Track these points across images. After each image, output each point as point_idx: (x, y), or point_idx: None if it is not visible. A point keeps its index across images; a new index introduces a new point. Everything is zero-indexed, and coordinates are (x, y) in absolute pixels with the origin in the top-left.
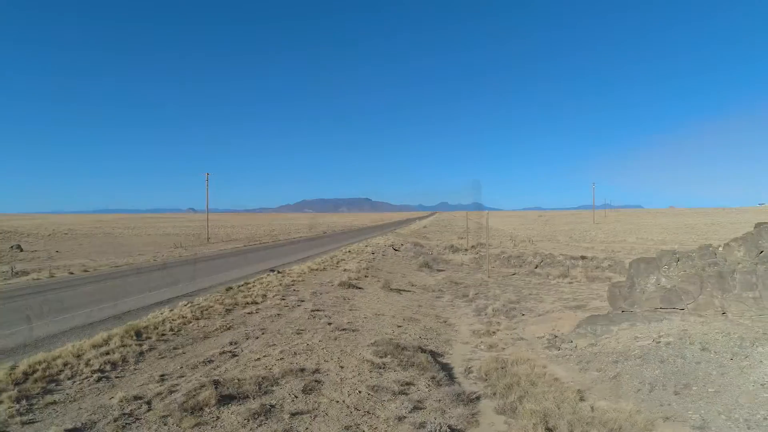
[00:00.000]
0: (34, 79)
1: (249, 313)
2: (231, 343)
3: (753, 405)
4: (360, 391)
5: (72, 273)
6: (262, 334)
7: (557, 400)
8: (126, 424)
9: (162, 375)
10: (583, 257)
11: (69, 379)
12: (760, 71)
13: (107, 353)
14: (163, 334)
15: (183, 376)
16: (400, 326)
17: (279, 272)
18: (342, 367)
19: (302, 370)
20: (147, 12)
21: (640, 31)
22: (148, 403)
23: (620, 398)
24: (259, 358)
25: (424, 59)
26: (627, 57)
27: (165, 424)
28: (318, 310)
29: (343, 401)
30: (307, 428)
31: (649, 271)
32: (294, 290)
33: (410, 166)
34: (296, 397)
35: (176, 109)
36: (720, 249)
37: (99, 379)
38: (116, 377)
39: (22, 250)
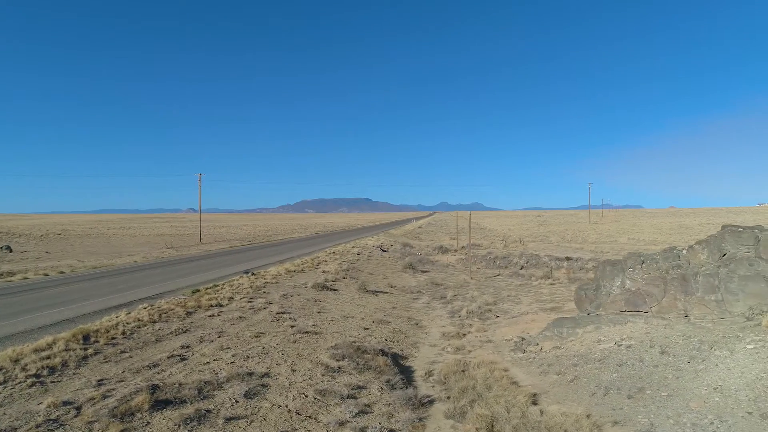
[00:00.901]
0: (35, 80)
1: (210, 316)
2: (183, 347)
3: (702, 409)
4: (306, 396)
5: (47, 275)
6: (219, 337)
7: (509, 404)
8: (49, 430)
9: (100, 380)
10: (568, 258)
11: (0, 384)
12: (764, 71)
13: (48, 357)
14: (113, 338)
15: (122, 381)
16: (367, 329)
17: (253, 274)
18: (294, 371)
19: (250, 374)
20: (147, 12)
21: (643, 31)
22: (78, 408)
23: (574, 402)
24: (208, 362)
25: (424, 59)
26: (628, 57)
27: (90, 431)
28: (284, 313)
29: (286, 406)
30: None
31: (614, 274)
32: (264, 292)
33: (410, 166)
34: (237, 401)
35: (176, 109)
36: (684, 251)
37: (32, 384)
38: (51, 382)
39: (11, 251)
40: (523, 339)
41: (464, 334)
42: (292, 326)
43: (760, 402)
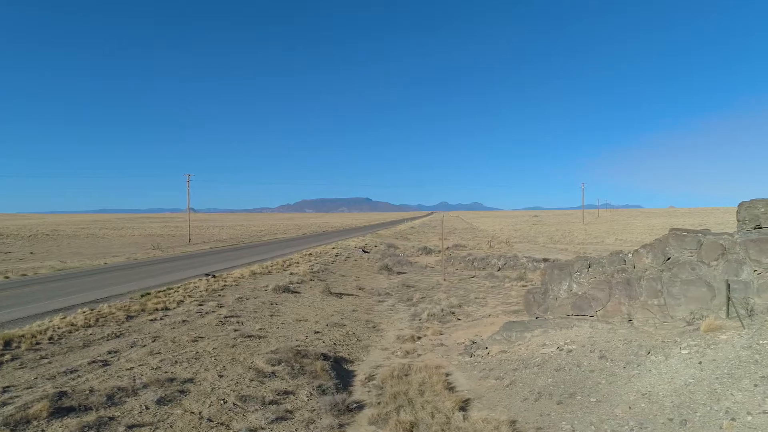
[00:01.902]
0: (38, 80)
1: (152, 320)
2: (110, 352)
3: (625, 416)
4: (225, 402)
5: (8, 278)
6: (152, 342)
7: (435, 410)
8: None
9: (7, 386)
10: (545, 260)
11: None
12: (764, 70)
13: None
14: (37, 343)
15: (31, 388)
16: (318, 332)
17: (214, 276)
18: (221, 377)
19: (172, 379)
20: (148, 11)
21: (646, 31)
22: None
23: (504, 408)
24: (131, 368)
25: (424, 59)
26: (628, 57)
27: None
28: (233, 317)
29: (199, 413)
30: None
31: (561, 278)
32: (219, 295)
33: (411, 166)
34: (147, 408)
35: (177, 109)
36: (630, 255)
37: None
38: None
39: None
40: (474, 342)
41: (419, 338)
42: (236, 330)
43: (683, 408)
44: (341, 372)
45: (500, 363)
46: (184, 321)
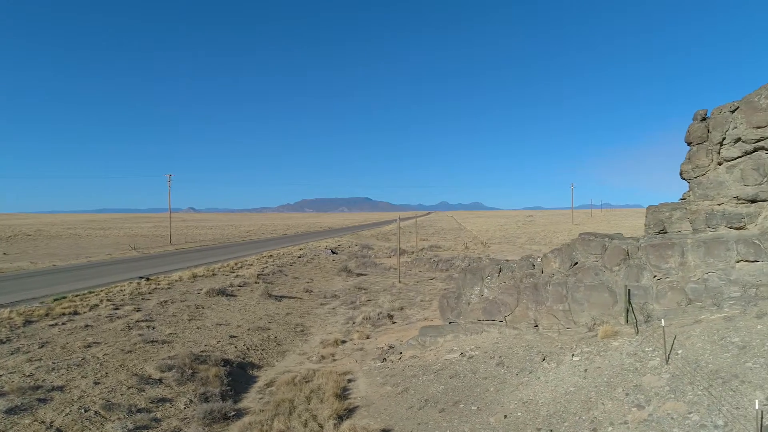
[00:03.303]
0: (38, 80)
1: (52, 325)
2: None
3: (497, 426)
4: (87, 410)
5: None
6: (39, 348)
7: (312, 418)
8: None
9: None
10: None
11: None
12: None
13: None
14: None
15: None
16: (234, 337)
17: (148, 279)
18: (97, 384)
19: (38, 387)
20: (149, 11)
21: (649, 30)
22: None
23: (389, 416)
24: (1, 375)
25: (424, 58)
26: (628, 57)
27: None
28: (145, 321)
29: (51, 422)
30: None
31: (474, 282)
32: (143, 299)
33: (411, 165)
34: None
35: (177, 109)
36: (539, 260)
37: None
38: None
39: None
40: (392, 347)
41: (344, 342)
42: (141, 335)
43: (555, 418)
44: (242, 378)
45: (404, 369)
46: (87, 326)
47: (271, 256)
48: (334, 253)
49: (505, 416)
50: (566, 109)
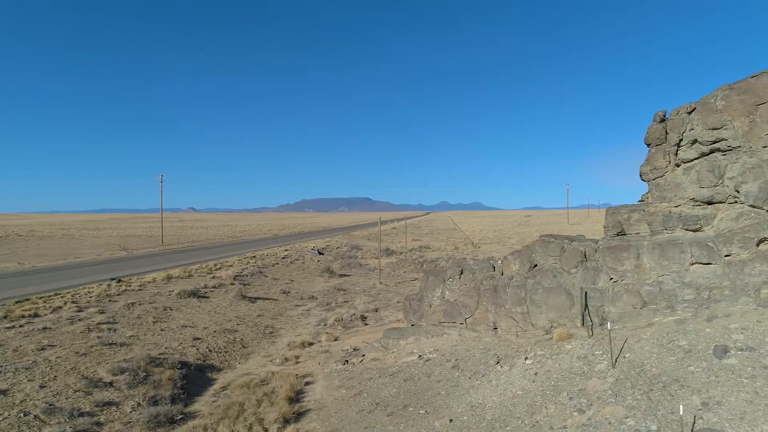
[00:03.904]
0: (38, 79)
1: (9, 328)
2: None
3: (442, 429)
4: (27, 414)
5: None
6: None
7: (258, 422)
8: None
9: None
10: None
11: None
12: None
13: None
14: None
15: None
16: (198, 339)
17: (120, 281)
18: (43, 387)
19: None
20: (149, 11)
21: (649, 30)
22: None
23: (337, 419)
24: None
25: (424, 58)
26: (628, 57)
27: None
28: (107, 323)
29: None
30: None
31: (436, 284)
32: (111, 301)
33: (411, 165)
34: None
35: (177, 109)
36: (499, 262)
37: None
38: None
39: None
40: (357, 350)
41: (311, 344)
42: (100, 338)
43: (499, 422)
44: (199, 381)
45: (362, 372)
46: (45, 328)
47: (254, 257)
48: (320, 253)
49: (451, 420)
50: (566, 109)
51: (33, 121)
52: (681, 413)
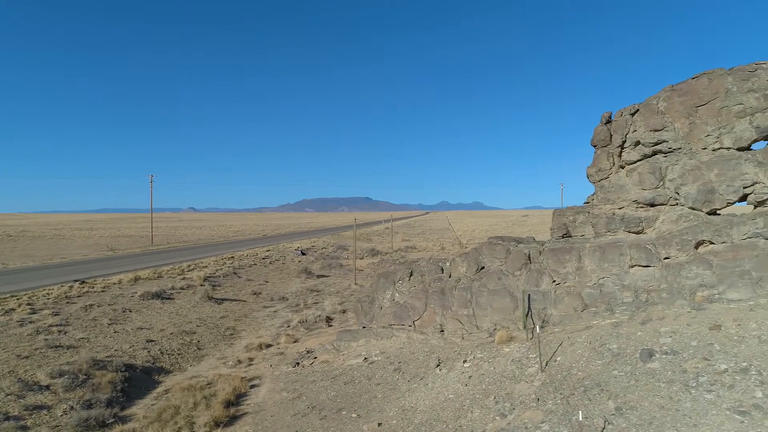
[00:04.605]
0: (38, 79)
1: None
2: None
3: None
4: None
5: None
6: None
7: (187, 426)
8: None
9: None
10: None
11: None
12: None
13: None
14: None
15: None
16: (152, 341)
17: (84, 282)
18: None
19: None
20: (149, 11)
21: (649, 30)
22: None
23: (271, 424)
24: None
25: (425, 58)
26: (628, 57)
27: None
28: (58, 326)
29: None
30: None
31: (386, 286)
32: (68, 302)
33: (411, 165)
34: None
35: (177, 110)
36: (447, 264)
37: None
38: None
39: None
40: (310, 352)
41: (269, 346)
42: (47, 340)
43: (425, 426)
44: (143, 384)
45: (308, 374)
46: None
47: (232, 257)
48: (303, 254)
49: (379, 424)
50: (566, 109)
51: (33, 121)
52: (581, 419)
